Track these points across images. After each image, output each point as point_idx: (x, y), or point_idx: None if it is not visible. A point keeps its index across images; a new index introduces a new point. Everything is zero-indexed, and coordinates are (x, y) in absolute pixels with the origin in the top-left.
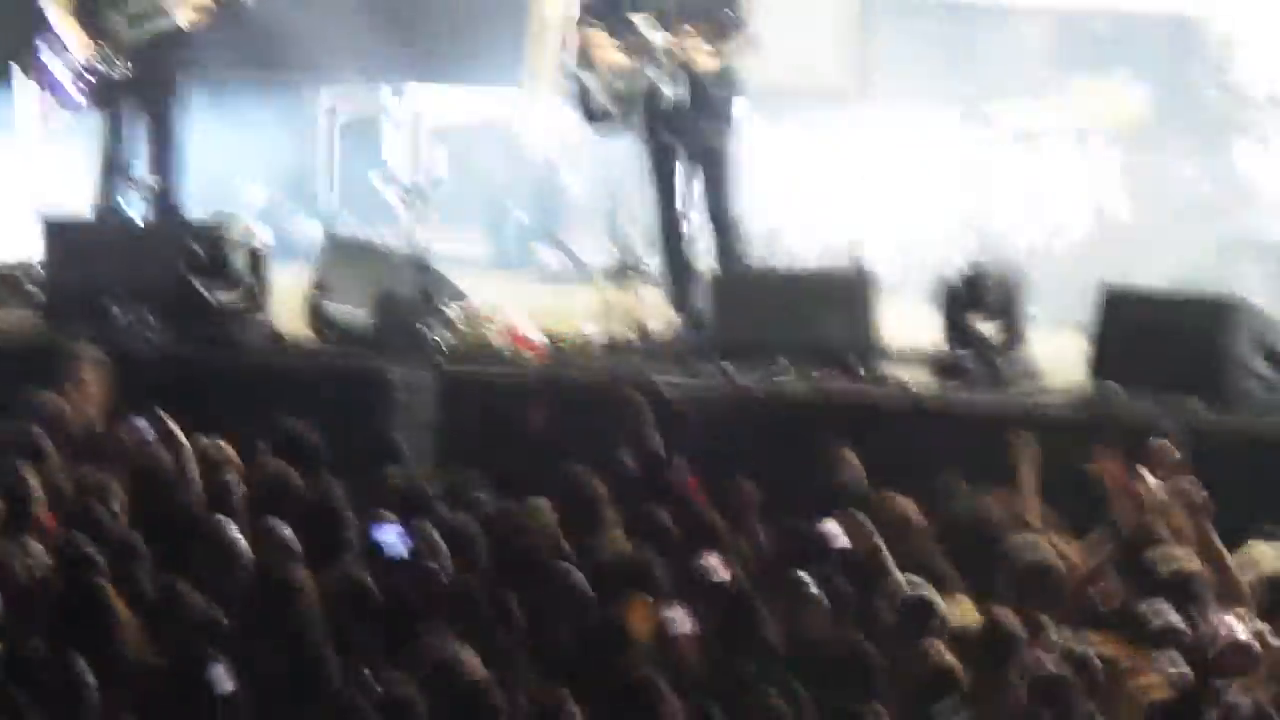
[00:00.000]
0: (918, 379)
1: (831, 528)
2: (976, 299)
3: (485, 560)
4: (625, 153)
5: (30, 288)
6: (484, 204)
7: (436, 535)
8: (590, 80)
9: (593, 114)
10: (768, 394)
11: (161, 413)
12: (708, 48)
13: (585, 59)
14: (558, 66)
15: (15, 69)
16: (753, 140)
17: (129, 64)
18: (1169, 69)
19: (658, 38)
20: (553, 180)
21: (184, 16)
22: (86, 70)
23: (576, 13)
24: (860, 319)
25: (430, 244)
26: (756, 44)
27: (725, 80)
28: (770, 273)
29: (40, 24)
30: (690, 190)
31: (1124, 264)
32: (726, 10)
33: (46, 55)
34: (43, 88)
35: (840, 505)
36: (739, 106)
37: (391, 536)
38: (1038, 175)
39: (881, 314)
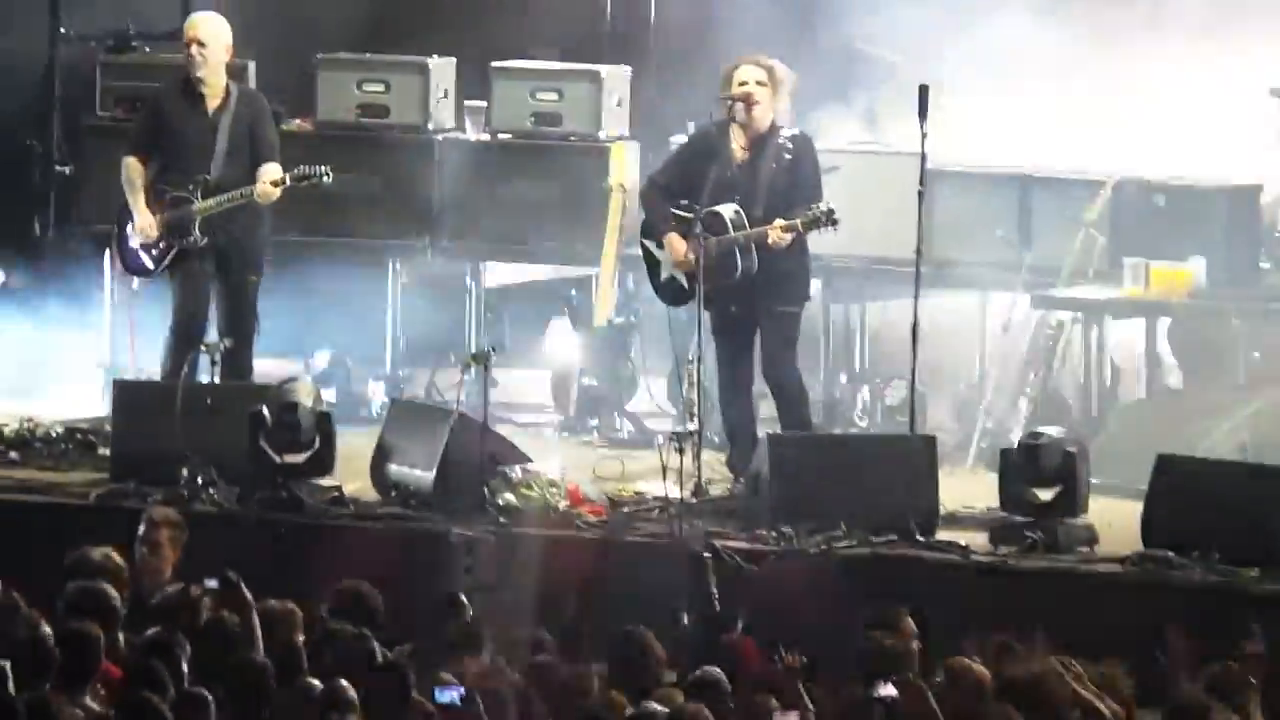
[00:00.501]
0: (976, 544)
1: (888, 691)
2: (1035, 466)
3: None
4: (690, 318)
5: (101, 448)
6: (548, 367)
7: (497, 695)
8: (660, 254)
9: (661, 285)
10: (826, 557)
11: (229, 572)
12: (783, 223)
13: (651, 232)
14: (625, 240)
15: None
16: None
17: (202, 233)
18: (1223, 238)
19: (736, 236)
20: (618, 344)
21: (260, 191)
22: (159, 238)
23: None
24: (920, 484)
25: (494, 407)
26: (831, 224)
27: (796, 252)
28: (830, 437)
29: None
30: (755, 356)
31: (1179, 432)
32: (811, 202)
33: (122, 223)
34: (115, 254)
35: (897, 669)
36: (808, 276)
37: (453, 697)
38: (1093, 343)
39: (941, 479)
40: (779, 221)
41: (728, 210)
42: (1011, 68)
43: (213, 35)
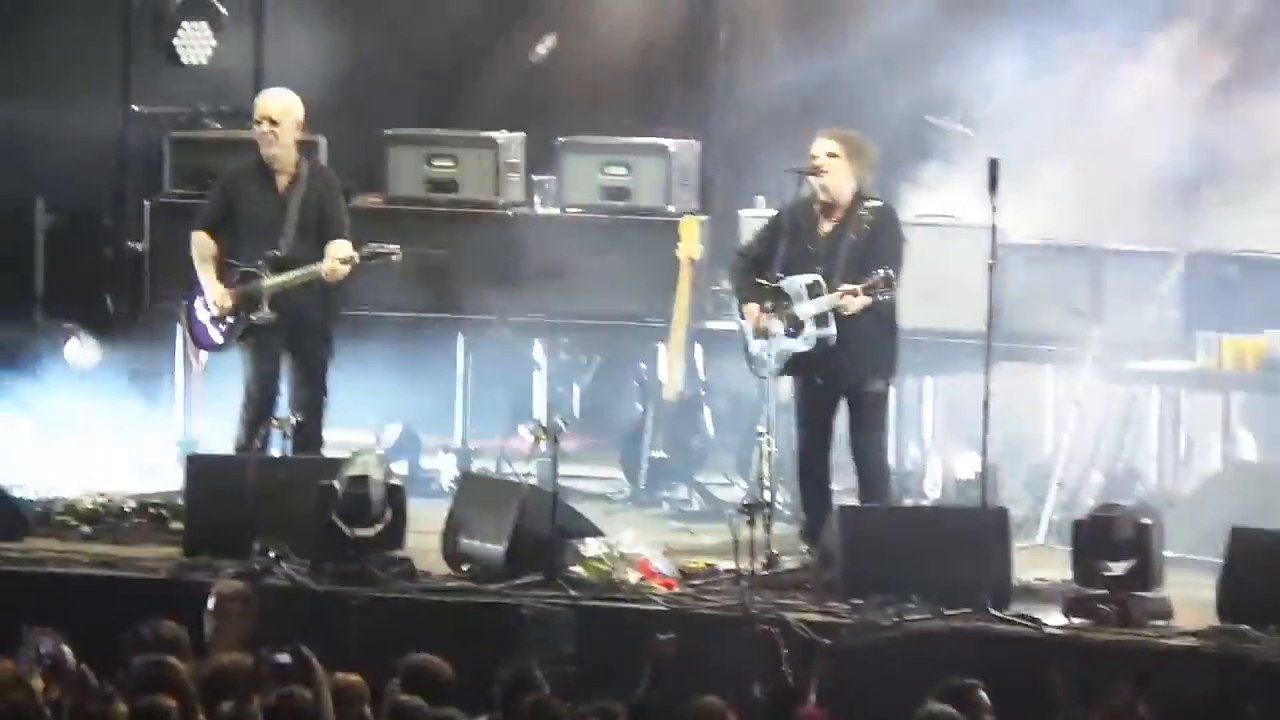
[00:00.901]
0: (1050, 617)
1: None
2: (1108, 539)
3: None
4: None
5: (173, 523)
6: (619, 440)
7: None
8: (744, 325)
9: (751, 357)
10: (899, 629)
11: (300, 646)
12: (846, 287)
13: (740, 309)
14: (694, 313)
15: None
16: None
17: (271, 309)
18: None
19: (810, 306)
20: (687, 416)
21: (328, 269)
22: (229, 313)
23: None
24: (993, 556)
25: (564, 479)
26: (888, 286)
27: (882, 328)
28: (902, 510)
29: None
30: (834, 429)
31: (1254, 504)
32: (886, 268)
33: (193, 299)
34: (186, 329)
35: None
36: (894, 353)
37: None
38: (1167, 416)
39: (1014, 551)
40: (843, 286)
41: (806, 279)
42: (1082, 139)
43: (284, 112)
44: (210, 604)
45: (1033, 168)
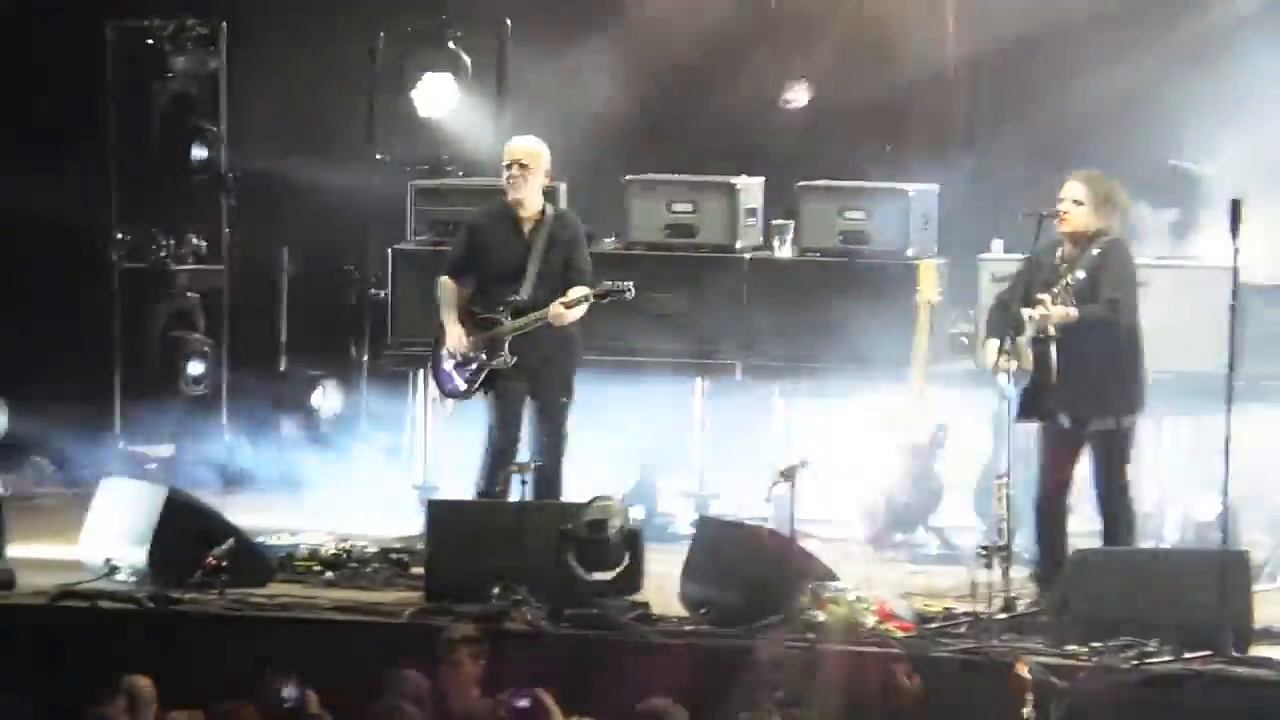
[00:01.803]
0: None
1: None
2: None
3: None
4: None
5: (414, 568)
6: (855, 482)
7: None
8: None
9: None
10: (1138, 672)
11: (539, 692)
12: (1041, 297)
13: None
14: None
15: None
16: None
17: (512, 353)
18: None
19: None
20: (925, 458)
21: (553, 313)
22: (470, 359)
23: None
24: (1233, 599)
25: (801, 522)
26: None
27: (1124, 363)
28: (1139, 551)
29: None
30: (1072, 468)
31: None
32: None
33: (437, 346)
34: (431, 376)
35: None
36: (1137, 388)
37: None
38: None
39: (1255, 595)
40: (1036, 295)
41: (1029, 311)
42: None
43: (533, 156)
44: (440, 650)
45: (1275, 207)
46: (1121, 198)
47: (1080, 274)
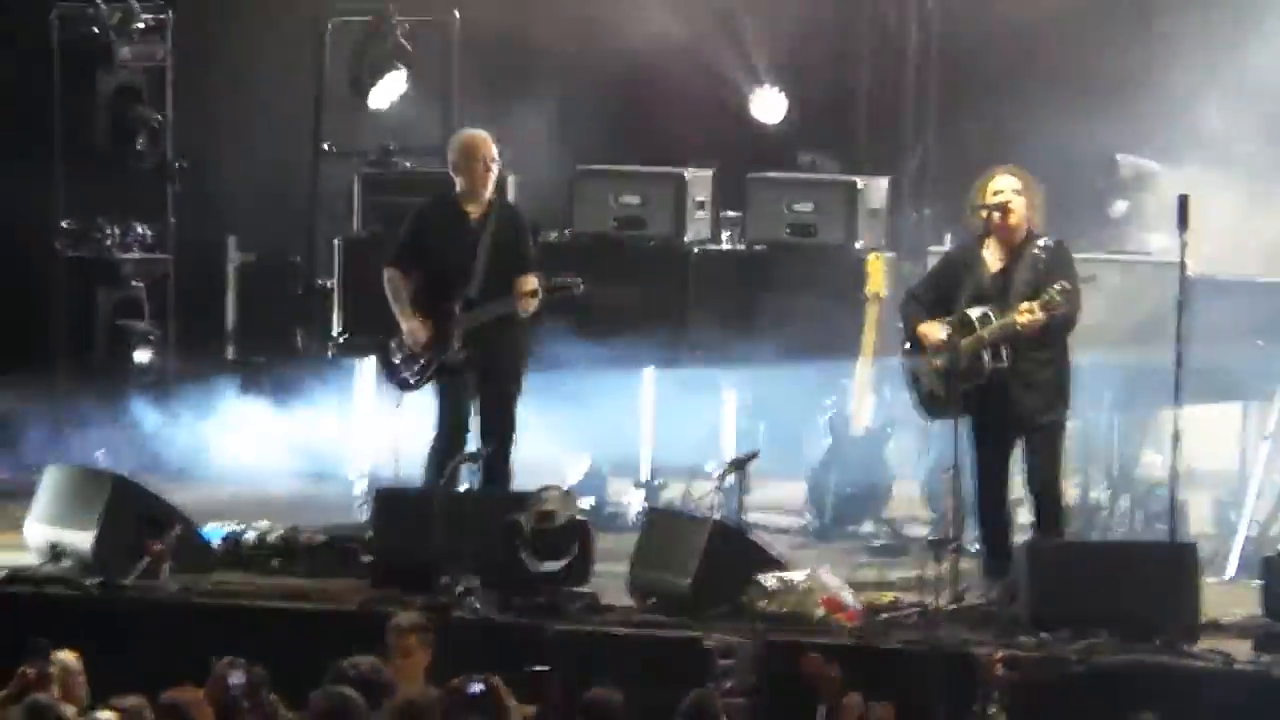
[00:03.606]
0: (1239, 652)
1: None
2: None
3: None
4: (946, 426)
5: (362, 556)
6: (804, 475)
7: None
8: (920, 368)
9: (922, 399)
10: (1086, 664)
11: (492, 678)
12: (1026, 305)
13: (914, 345)
14: (880, 349)
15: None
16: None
17: (462, 346)
18: None
19: (988, 328)
20: (874, 451)
21: (519, 304)
22: (424, 351)
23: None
24: (1181, 591)
25: (750, 514)
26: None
27: (1054, 360)
28: (1088, 544)
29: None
30: (1012, 465)
31: None
32: (1061, 283)
33: (387, 338)
34: (380, 369)
35: None
36: (1067, 385)
37: None
38: None
39: (1202, 586)
40: (1023, 305)
41: (975, 312)
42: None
43: (480, 149)
44: (388, 638)
45: (1221, 202)
46: (1040, 192)
47: (1026, 274)
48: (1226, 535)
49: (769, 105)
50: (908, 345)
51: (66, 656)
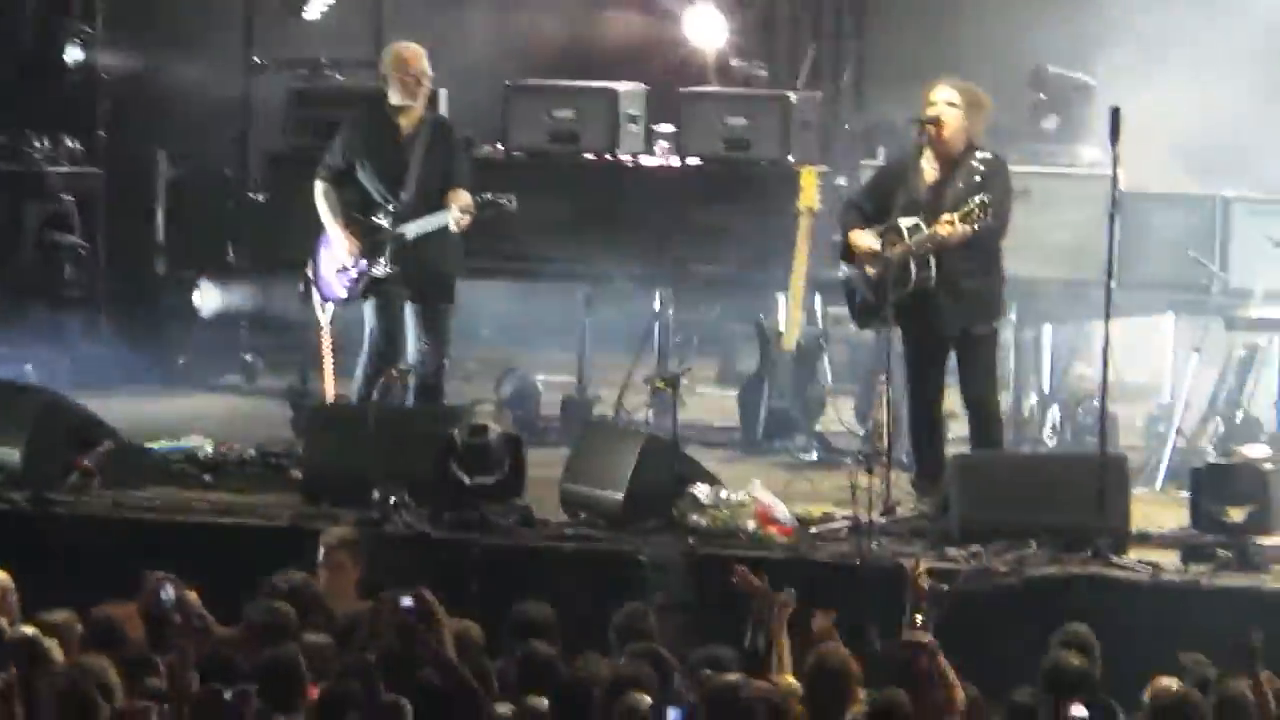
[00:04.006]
0: (1167, 563)
1: (1079, 711)
2: (1227, 485)
3: None
4: (879, 340)
5: (293, 472)
6: (736, 389)
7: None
8: (851, 271)
9: (856, 308)
10: (1016, 575)
11: (423, 590)
12: (946, 217)
13: (846, 255)
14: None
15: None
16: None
17: (394, 261)
18: None
19: (915, 239)
20: (806, 365)
21: (452, 218)
22: (355, 265)
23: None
24: (1111, 503)
25: (682, 428)
26: (986, 213)
27: (985, 271)
28: (1019, 456)
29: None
30: (944, 377)
31: None
32: (983, 196)
33: (317, 251)
34: (311, 281)
35: (1087, 690)
36: (999, 296)
37: (678, 716)
38: None
39: (1132, 499)
40: (944, 216)
41: (907, 222)
42: (1209, 86)
43: (412, 61)
44: (319, 554)
45: (1157, 116)
46: (987, 104)
47: (959, 185)
48: (1156, 447)
49: (704, 23)
50: (843, 254)
51: None
